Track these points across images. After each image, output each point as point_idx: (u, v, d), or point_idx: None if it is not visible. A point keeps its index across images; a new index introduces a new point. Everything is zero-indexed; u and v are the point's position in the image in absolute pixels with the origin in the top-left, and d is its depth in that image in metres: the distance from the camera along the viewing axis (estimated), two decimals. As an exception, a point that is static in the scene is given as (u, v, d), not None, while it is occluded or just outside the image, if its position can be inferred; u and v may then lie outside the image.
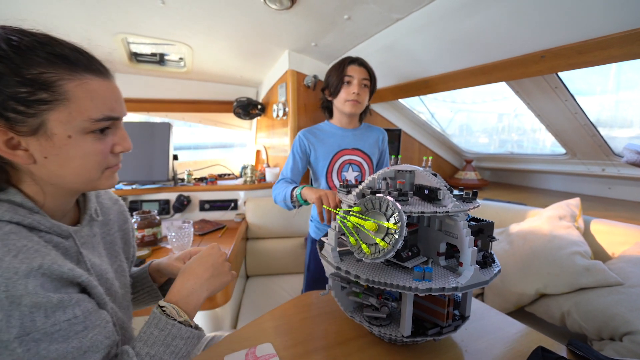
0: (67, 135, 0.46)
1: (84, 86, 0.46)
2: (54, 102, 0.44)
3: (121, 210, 0.74)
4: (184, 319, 0.54)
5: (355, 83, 1.22)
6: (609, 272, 1.08)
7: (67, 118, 0.45)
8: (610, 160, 1.62)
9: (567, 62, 0.98)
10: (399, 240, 0.51)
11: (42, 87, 0.43)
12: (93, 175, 0.52)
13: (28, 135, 0.44)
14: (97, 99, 0.48)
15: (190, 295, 0.58)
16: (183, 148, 3.18)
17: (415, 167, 0.67)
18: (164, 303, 0.55)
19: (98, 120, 0.48)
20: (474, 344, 0.66)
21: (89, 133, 0.48)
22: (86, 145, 0.48)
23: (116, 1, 1.26)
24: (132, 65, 1.95)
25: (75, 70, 0.46)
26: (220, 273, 0.63)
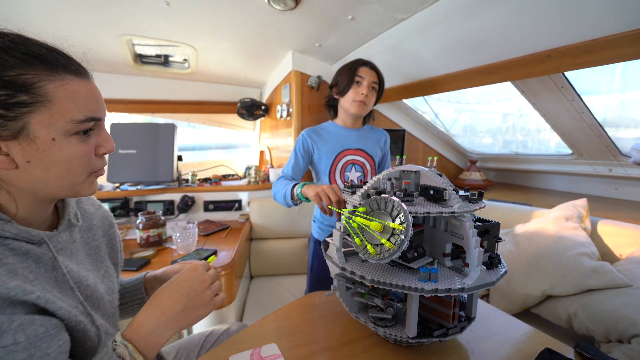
0: (50, 138, 0.44)
1: (65, 87, 0.45)
2: (35, 104, 0.42)
3: (105, 215, 0.72)
4: None
5: (365, 84, 1.22)
6: (617, 273, 1.07)
7: (49, 120, 0.44)
8: (618, 161, 1.61)
9: (574, 62, 0.97)
10: (404, 241, 0.51)
11: (22, 89, 0.41)
12: (78, 178, 0.50)
13: (9, 139, 0.43)
14: (79, 100, 0.46)
15: (150, 334, 0.51)
16: (187, 149, 3.20)
17: (421, 167, 0.67)
18: (118, 339, 0.50)
19: (81, 122, 0.46)
20: (480, 346, 0.65)
21: (73, 135, 0.47)
22: (70, 148, 0.47)
23: (121, 3, 1.26)
24: (137, 67, 1.96)
25: (54, 71, 0.44)
26: (195, 305, 0.55)
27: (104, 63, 1.91)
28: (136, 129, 1.90)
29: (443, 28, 1.19)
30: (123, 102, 2.22)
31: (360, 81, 1.23)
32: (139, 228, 1.47)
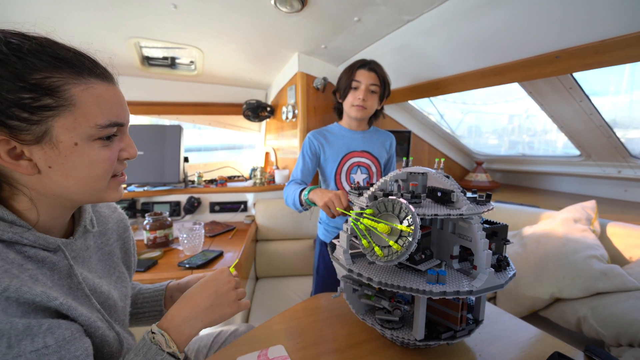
0: (73, 142, 0.44)
1: (89, 91, 0.44)
2: (60, 108, 0.42)
3: (120, 218, 0.70)
4: (172, 350, 0.50)
5: (362, 89, 1.21)
6: (627, 276, 1.06)
7: (72, 124, 0.43)
8: (627, 162, 1.58)
9: (583, 63, 0.96)
10: (412, 243, 0.51)
11: (47, 92, 0.41)
12: (100, 184, 0.49)
13: (32, 143, 0.42)
14: (103, 105, 0.46)
15: (182, 324, 0.53)
16: (192, 150, 3.22)
17: (428, 169, 0.67)
18: (155, 329, 0.52)
19: (104, 127, 0.46)
20: (488, 349, 0.65)
21: (96, 140, 0.46)
22: (93, 153, 0.46)
23: (129, 6, 1.28)
24: (144, 69, 1.98)
25: (80, 75, 0.44)
26: (222, 303, 0.58)
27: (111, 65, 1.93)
28: (143, 131, 1.92)
29: (449, 29, 1.19)
30: (130, 103, 2.20)
31: (357, 86, 1.22)
32: (146, 229, 1.49)
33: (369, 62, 1.24)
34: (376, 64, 1.25)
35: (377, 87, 1.23)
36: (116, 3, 1.25)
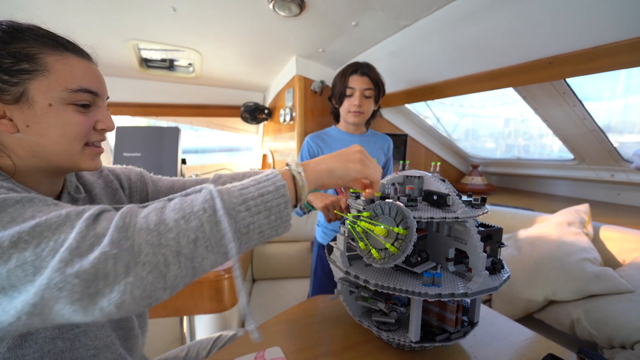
0: (47, 103, 0.48)
1: (64, 61, 0.49)
2: (35, 72, 0.47)
3: (107, 182, 0.69)
4: (300, 171, 0.50)
5: (356, 95, 1.21)
6: (620, 279, 1.07)
7: (46, 87, 0.47)
8: (620, 166, 1.61)
9: (576, 68, 0.98)
10: (408, 245, 0.52)
11: (24, 58, 0.46)
12: (74, 147, 0.51)
13: (11, 103, 0.46)
14: (76, 73, 0.50)
15: (308, 163, 0.53)
16: (190, 152, 3.22)
17: (424, 172, 0.67)
18: None
19: (75, 91, 0.49)
20: (483, 351, 0.66)
21: (70, 104, 0.50)
22: (67, 115, 0.49)
23: (129, 9, 1.29)
24: (142, 71, 1.99)
25: (56, 48, 0.49)
26: (347, 158, 0.55)
27: (110, 67, 1.94)
28: (141, 132, 1.92)
29: (446, 35, 1.20)
30: (128, 105, 2.24)
31: (351, 92, 1.22)
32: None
33: (360, 66, 1.23)
34: (368, 67, 1.24)
35: (372, 91, 1.23)
36: (116, 6, 1.25)
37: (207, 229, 0.38)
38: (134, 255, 0.34)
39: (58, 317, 0.34)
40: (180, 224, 0.37)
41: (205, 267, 0.39)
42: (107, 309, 0.34)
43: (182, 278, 0.37)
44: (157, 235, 0.35)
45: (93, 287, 0.33)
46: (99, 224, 0.36)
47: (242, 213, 0.41)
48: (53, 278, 0.32)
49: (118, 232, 0.35)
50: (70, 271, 0.32)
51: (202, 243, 0.37)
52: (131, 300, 0.34)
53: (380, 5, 1.17)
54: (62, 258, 0.32)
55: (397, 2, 1.14)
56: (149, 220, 0.36)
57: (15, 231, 0.34)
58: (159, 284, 0.35)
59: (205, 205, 0.39)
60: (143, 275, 0.34)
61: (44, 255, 0.33)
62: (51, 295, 0.32)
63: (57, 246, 0.33)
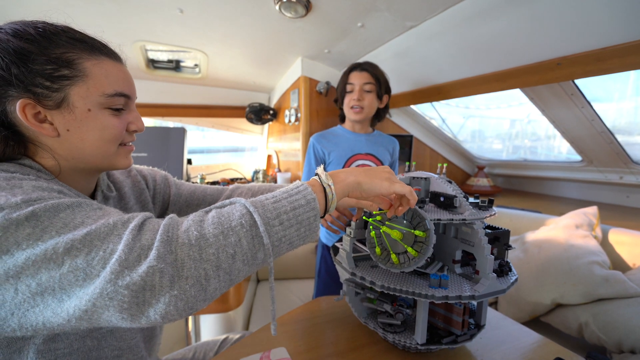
0: (86, 108, 0.50)
1: (100, 65, 0.51)
2: (74, 78, 0.48)
3: (135, 181, 0.73)
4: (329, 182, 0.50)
5: (356, 90, 1.22)
6: (629, 282, 1.06)
7: (85, 93, 0.49)
8: (629, 168, 1.59)
9: (584, 70, 0.97)
10: (428, 248, 0.52)
11: (64, 64, 0.48)
12: (111, 149, 0.54)
13: (53, 108, 0.48)
14: (111, 77, 0.52)
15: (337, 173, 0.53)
16: (195, 152, 3.24)
17: (431, 174, 0.67)
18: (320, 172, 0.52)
19: (111, 96, 0.51)
20: (489, 354, 0.65)
21: (106, 109, 0.52)
22: (104, 119, 0.52)
23: (136, 10, 1.30)
24: (149, 72, 2.00)
25: (92, 52, 0.51)
26: (374, 175, 0.54)
27: (117, 68, 1.96)
28: (147, 133, 1.94)
29: (452, 35, 1.20)
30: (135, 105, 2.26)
31: (351, 88, 1.23)
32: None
33: (361, 64, 1.24)
34: (368, 64, 1.24)
35: (372, 86, 1.22)
36: (123, 7, 1.26)
37: (244, 244, 0.40)
38: (178, 269, 0.36)
39: (105, 323, 0.36)
40: (219, 239, 0.39)
41: (240, 278, 0.41)
42: (152, 318, 0.36)
43: (220, 290, 0.39)
44: (198, 250, 0.38)
45: (140, 297, 0.35)
46: (143, 235, 0.38)
47: (275, 227, 0.43)
48: (105, 288, 0.34)
49: (163, 246, 0.37)
50: (122, 283, 0.34)
51: (240, 257, 0.40)
52: (175, 311, 0.36)
53: (386, 6, 1.16)
54: (113, 270, 0.35)
55: (403, 3, 1.13)
56: (190, 234, 0.38)
57: (69, 239, 0.36)
58: (200, 296, 0.38)
59: (242, 221, 0.41)
60: (186, 289, 0.36)
61: (94, 264, 0.36)
62: (102, 303, 0.35)
63: (106, 256, 0.36)
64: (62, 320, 0.36)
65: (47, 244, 0.35)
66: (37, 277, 0.35)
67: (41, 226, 0.36)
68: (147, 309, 0.36)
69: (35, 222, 0.36)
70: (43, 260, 0.35)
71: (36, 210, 0.37)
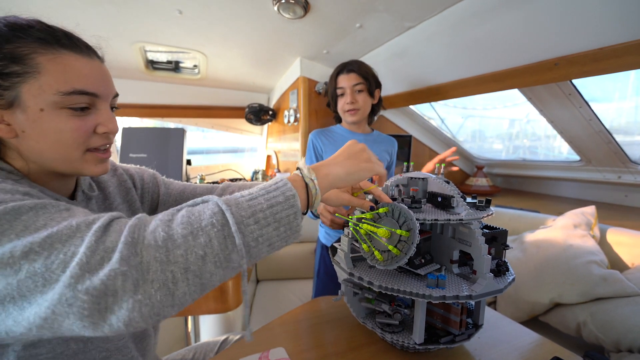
0: (39, 108, 0.45)
1: (56, 60, 0.46)
2: (25, 75, 0.44)
3: (121, 180, 0.69)
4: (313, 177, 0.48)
5: (347, 93, 1.21)
6: (627, 282, 1.06)
7: (38, 91, 0.45)
8: (627, 168, 1.59)
9: (582, 70, 0.97)
10: (411, 247, 0.52)
11: (14, 60, 0.44)
12: (72, 154, 0.49)
13: (5, 108, 0.45)
14: (70, 73, 0.46)
15: (320, 167, 0.51)
16: (195, 152, 3.24)
17: (428, 174, 0.67)
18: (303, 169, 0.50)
19: (67, 94, 0.46)
20: (488, 353, 0.65)
21: (64, 109, 0.46)
22: (59, 120, 0.46)
23: (136, 12, 1.30)
24: (148, 73, 2.01)
25: (50, 45, 0.46)
26: (357, 157, 0.54)
27: (116, 69, 1.96)
28: (147, 133, 1.94)
29: (451, 36, 1.20)
30: (134, 106, 2.26)
31: (342, 92, 1.23)
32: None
33: (346, 65, 1.23)
34: (354, 64, 1.23)
35: (362, 85, 1.22)
36: (122, 8, 1.27)
37: (215, 245, 0.37)
38: (143, 273, 0.34)
39: (67, 331, 0.34)
40: (188, 240, 0.36)
41: (214, 283, 0.38)
42: (115, 326, 0.34)
43: (190, 295, 0.36)
44: (165, 252, 0.35)
45: (102, 303, 0.33)
46: (108, 237, 0.36)
47: (250, 226, 0.40)
48: (64, 294, 0.32)
49: (127, 248, 0.34)
50: (81, 287, 0.32)
51: (211, 259, 0.37)
52: (139, 318, 0.34)
53: (384, 6, 1.17)
54: (73, 274, 0.33)
55: (401, 3, 1.14)
56: (156, 235, 0.36)
57: (27, 242, 0.34)
58: (167, 301, 0.35)
59: (213, 220, 0.38)
60: (151, 293, 0.34)
61: (53, 268, 0.33)
62: (62, 310, 0.33)
63: (67, 259, 0.34)
64: (24, 329, 0.34)
65: (4, 248, 0.33)
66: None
67: (0, 230, 0.34)
68: (109, 316, 0.33)
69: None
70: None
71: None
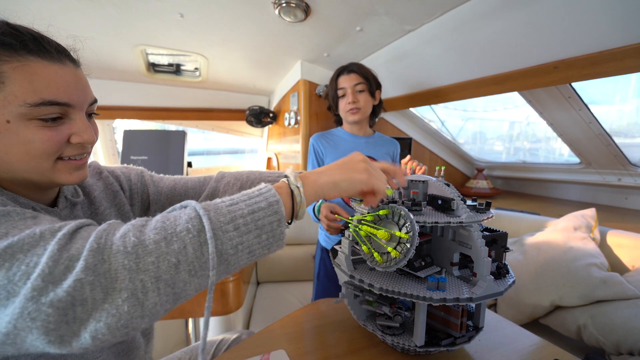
0: (4, 120, 0.42)
1: (23, 69, 0.42)
2: None
3: (107, 184, 0.65)
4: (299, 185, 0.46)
5: (348, 93, 1.23)
6: (627, 284, 1.06)
7: (2, 102, 0.42)
8: (627, 170, 1.59)
9: (581, 73, 0.98)
10: (410, 250, 0.52)
11: None
12: (42, 165, 0.46)
13: None
14: (38, 83, 0.43)
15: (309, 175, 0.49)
16: (196, 154, 3.24)
17: (428, 177, 0.68)
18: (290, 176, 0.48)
19: (35, 105, 0.43)
20: (488, 356, 0.65)
21: (32, 120, 0.44)
22: (27, 132, 0.44)
23: (137, 15, 1.31)
24: (150, 76, 2.01)
25: (14, 52, 0.42)
26: (352, 168, 0.51)
27: (118, 71, 1.97)
28: (147, 136, 1.95)
29: (450, 39, 1.21)
30: (135, 109, 2.27)
31: (343, 92, 1.24)
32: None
33: (346, 67, 1.25)
34: (354, 65, 1.24)
35: (363, 85, 1.23)
36: (124, 12, 1.28)
37: (190, 252, 0.35)
38: (110, 281, 0.32)
39: (32, 347, 0.32)
40: (160, 246, 0.34)
41: (189, 292, 0.36)
42: (82, 339, 0.32)
43: (162, 305, 0.34)
44: (135, 258, 0.33)
45: (70, 315, 0.31)
46: (73, 244, 0.33)
47: (229, 233, 0.37)
48: (26, 307, 0.30)
49: (93, 255, 0.32)
50: (45, 300, 0.30)
51: (185, 267, 0.35)
52: (106, 330, 0.32)
53: (384, 10, 1.18)
54: (35, 285, 0.30)
55: (401, 7, 1.15)
56: (126, 241, 0.33)
57: None
58: (137, 312, 0.32)
59: (189, 225, 0.36)
60: (118, 304, 0.32)
61: (16, 280, 0.31)
62: (24, 325, 0.30)
63: (30, 270, 0.31)
64: None
65: None
66: None
67: None
68: (76, 329, 0.31)
69: None
70: None
71: None
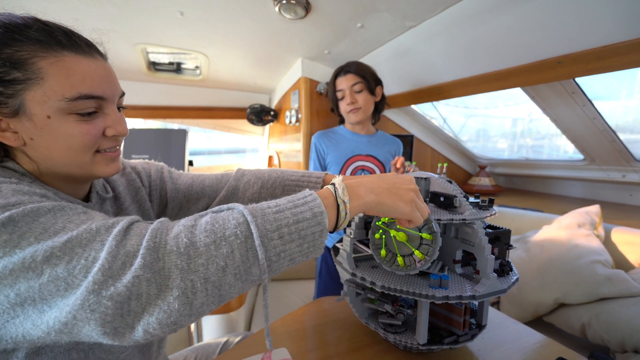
0: (46, 115, 0.44)
1: (59, 64, 0.43)
2: (28, 81, 0.42)
3: (129, 180, 0.68)
4: (346, 200, 0.44)
5: (347, 94, 1.23)
6: (632, 281, 1.05)
7: (42, 97, 0.43)
8: (632, 167, 1.58)
9: (586, 68, 0.97)
10: (435, 250, 0.52)
11: (15, 65, 0.41)
12: (82, 158, 0.48)
13: (11, 116, 0.43)
14: (74, 77, 0.44)
15: (357, 186, 0.47)
16: (198, 153, 3.25)
17: (431, 174, 0.67)
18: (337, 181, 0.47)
19: (74, 100, 0.44)
20: (491, 354, 0.65)
21: (71, 114, 0.45)
22: (68, 126, 0.45)
23: (137, 13, 1.31)
24: (150, 74, 2.01)
25: (49, 48, 0.43)
26: (399, 194, 0.49)
27: (118, 70, 1.94)
28: (149, 135, 1.95)
29: (452, 35, 1.20)
30: (137, 108, 2.27)
31: (342, 94, 1.24)
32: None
33: (343, 67, 1.25)
34: (351, 64, 1.25)
35: (361, 85, 1.23)
36: (124, 10, 1.27)
37: (237, 257, 0.36)
38: (164, 279, 0.34)
39: (86, 337, 0.34)
40: (210, 249, 0.35)
41: (232, 295, 0.38)
42: (136, 332, 0.34)
43: (207, 305, 0.36)
44: (187, 259, 0.34)
45: (125, 308, 0.33)
46: (129, 240, 0.35)
47: (274, 241, 0.38)
48: (87, 299, 0.32)
49: (150, 253, 0.34)
50: (106, 293, 0.32)
51: (232, 271, 0.36)
52: (157, 325, 0.34)
53: (385, 6, 1.16)
54: (96, 279, 0.32)
55: (402, 3, 1.13)
56: (179, 241, 0.35)
57: (48, 246, 0.34)
58: (185, 310, 0.34)
59: (237, 231, 0.37)
60: (170, 301, 0.33)
61: (75, 273, 0.33)
62: (84, 316, 0.32)
63: (88, 264, 0.33)
64: (42, 332, 0.34)
65: (25, 252, 0.33)
66: (16, 287, 0.33)
67: (19, 232, 0.34)
68: (132, 321, 0.33)
69: (12, 228, 0.34)
70: (21, 269, 0.33)
71: (14, 216, 0.34)
